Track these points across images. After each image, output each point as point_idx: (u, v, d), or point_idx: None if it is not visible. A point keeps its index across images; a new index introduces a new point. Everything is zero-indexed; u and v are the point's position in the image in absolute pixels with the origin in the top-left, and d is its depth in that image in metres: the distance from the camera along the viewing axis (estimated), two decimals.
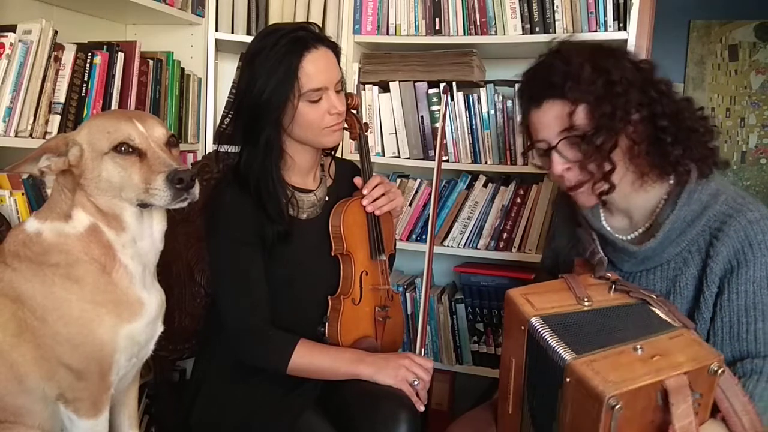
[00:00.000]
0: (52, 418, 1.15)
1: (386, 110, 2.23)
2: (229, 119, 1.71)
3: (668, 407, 0.95)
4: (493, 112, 2.13)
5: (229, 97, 2.18)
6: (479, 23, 2.11)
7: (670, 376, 0.95)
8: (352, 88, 2.23)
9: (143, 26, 2.14)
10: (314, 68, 1.35)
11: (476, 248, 2.19)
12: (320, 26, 1.51)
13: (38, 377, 1.11)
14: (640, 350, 0.99)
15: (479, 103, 2.14)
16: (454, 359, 2.27)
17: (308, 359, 1.35)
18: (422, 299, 1.57)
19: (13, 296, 1.09)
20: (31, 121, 1.48)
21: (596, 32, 1.98)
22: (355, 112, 1.55)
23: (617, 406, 0.91)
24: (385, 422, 1.27)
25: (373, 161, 2.00)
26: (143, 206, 1.13)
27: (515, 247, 2.14)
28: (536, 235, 2.11)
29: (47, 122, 1.54)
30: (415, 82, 2.18)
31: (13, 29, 1.43)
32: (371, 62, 2.24)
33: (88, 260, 1.12)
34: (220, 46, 2.18)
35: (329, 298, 1.47)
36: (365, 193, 1.49)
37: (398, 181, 2.33)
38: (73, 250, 1.11)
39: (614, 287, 1.16)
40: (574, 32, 2.00)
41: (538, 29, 2.05)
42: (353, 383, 1.35)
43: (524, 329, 1.08)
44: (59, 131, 1.54)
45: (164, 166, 1.10)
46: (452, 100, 2.14)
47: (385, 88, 2.23)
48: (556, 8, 2.03)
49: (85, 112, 1.63)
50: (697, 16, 3.56)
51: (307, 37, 1.36)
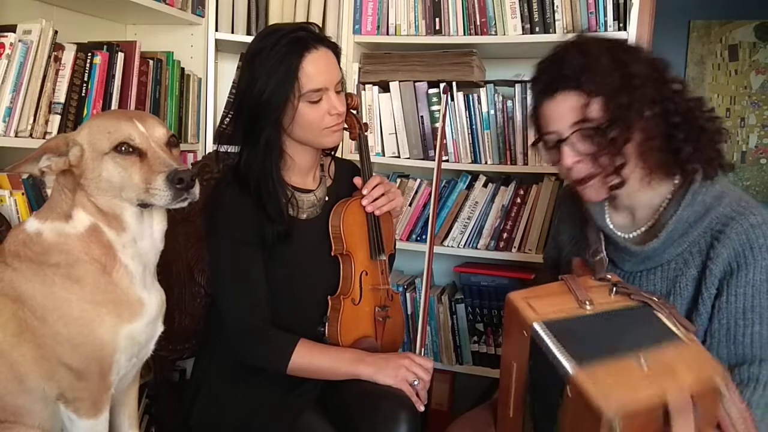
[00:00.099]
0: (52, 417, 1.15)
1: (386, 110, 2.23)
2: (229, 119, 1.71)
3: (669, 424, 0.92)
4: (493, 112, 2.13)
5: (229, 97, 2.18)
6: (479, 23, 2.11)
7: (673, 395, 0.93)
8: (352, 88, 2.23)
9: (143, 26, 2.14)
10: (314, 69, 1.35)
11: (476, 248, 2.19)
12: (320, 26, 1.52)
13: (38, 377, 1.11)
14: (644, 364, 0.97)
15: (479, 103, 2.14)
16: (454, 359, 2.27)
17: (308, 359, 1.35)
18: (422, 299, 1.57)
19: (13, 296, 1.10)
20: (31, 121, 1.48)
21: (596, 32, 1.98)
22: (354, 112, 1.55)
23: (616, 423, 0.89)
24: (385, 422, 1.27)
25: (373, 161, 2.00)
26: (143, 206, 1.13)
27: (515, 247, 2.14)
28: (536, 235, 2.11)
29: (47, 122, 1.54)
30: (415, 82, 2.18)
31: (13, 29, 1.43)
32: (371, 62, 2.24)
33: (88, 260, 1.12)
34: (220, 46, 2.18)
35: (329, 298, 1.47)
36: (365, 193, 1.49)
37: (398, 181, 2.33)
38: (73, 250, 1.11)
39: (615, 289, 1.15)
40: (574, 32, 2.00)
41: (538, 29, 2.05)
42: (353, 383, 1.35)
43: (527, 334, 1.07)
44: (59, 131, 1.54)
45: (164, 166, 1.10)
46: (452, 100, 2.14)
47: (385, 88, 2.23)
48: (556, 8, 2.03)
49: (85, 112, 1.63)
50: (697, 16, 3.56)
51: (307, 37, 1.36)
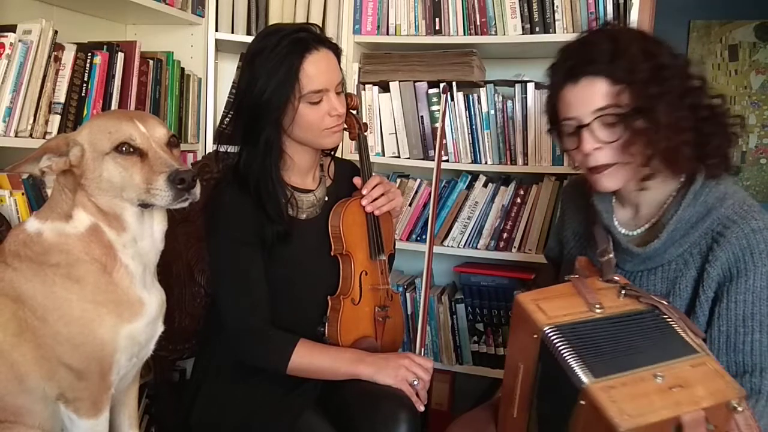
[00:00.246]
0: (52, 417, 1.15)
1: (386, 110, 2.23)
2: (228, 119, 1.71)
3: None
4: (493, 112, 2.13)
5: (229, 97, 2.19)
6: (479, 23, 2.11)
7: (687, 411, 0.92)
8: (352, 88, 2.23)
9: (143, 26, 2.14)
10: (315, 70, 1.35)
11: (476, 248, 2.19)
12: (321, 27, 1.51)
13: (38, 377, 1.11)
14: (660, 379, 0.96)
15: (479, 103, 2.14)
16: (454, 359, 2.27)
17: (308, 359, 1.35)
18: (422, 299, 1.57)
19: (13, 296, 1.10)
20: (31, 121, 1.48)
21: None
22: (354, 112, 1.55)
23: None
24: (385, 422, 1.27)
25: (372, 161, 2.00)
26: (144, 206, 1.13)
27: (515, 247, 2.14)
28: (536, 235, 2.11)
29: (47, 122, 1.54)
30: (415, 82, 2.18)
31: (13, 29, 1.43)
32: (371, 62, 2.24)
33: (88, 260, 1.12)
34: (220, 46, 2.18)
35: (329, 298, 1.47)
36: (364, 193, 1.49)
37: (398, 181, 2.33)
38: (73, 249, 1.11)
39: (624, 292, 1.13)
40: (574, 32, 2.01)
41: (538, 29, 2.05)
42: (353, 383, 1.35)
43: (537, 338, 1.05)
44: (59, 131, 1.54)
45: (165, 166, 1.10)
46: (452, 100, 2.14)
47: (385, 88, 2.23)
48: (556, 8, 2.03)
49: (85, 112, 1.63)
50: (697, 16, 3.55)
51: (308, 38, 1.36)
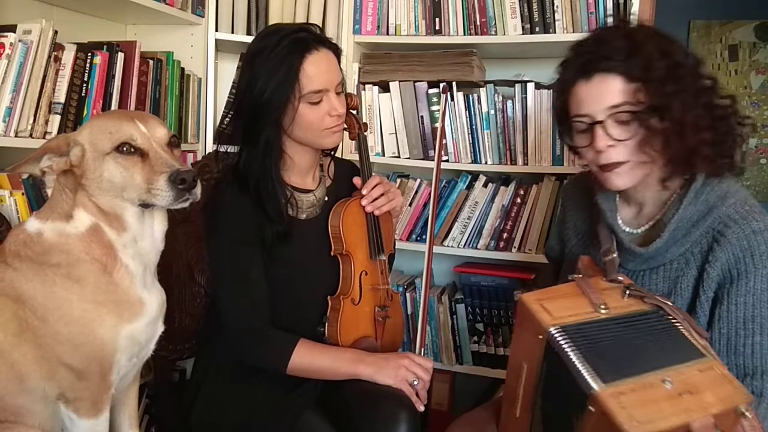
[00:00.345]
0: (52, 417, 1.15)
1: (386, 110, 2.23)
2: (229, 119, 1.71)
3: None
4: (493, 112, 2.13)
5: (229, 97, 2.19)
6: (479, 23, 2.11)
7: (696, 417, 0.93)
8: (352, 88, 2.23)
9: (143, 26, 2.14)
10: (315, 70, 1.35)
11: (476, 248, 2.19)
12: (321, 27, 1.51)
13: (39, 377, 1.11)
14: (669, 384, 0.96)
15: (479, 103, 2.14)
16: (454, 359, 2.27)
17: (308, 359, 1.35)
18: (422, 299, 1.57)
19: (14, 296, 1.09)
20: (31, 121, 1.48)
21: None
22: (354, 112, 1.55)
23: None
24: (385, 422, 1.27)
25: (372, 161, 2.01)
26: (145, 206, 1.13)
27: (515, 247, 2.14)
28: (536, 235, 2.12)
29: (47, 122, 1.54)
30: (415, 82, 2.18)
31: (13, 29, 1.43)
32: (371, 62, 2.24)
33: (89, 260, 1.12)
34: (220, 46, 2.18)
35: (329, 298, 1.47)
36: (364, 193, 1.49)
37: (398, 181, 2.33)
38: (74, 249, 1.11)
39: (628, 293, 1.12)
40: (574, 32, 2.01)
41: (538, 29, 2.05)
42: (353, 383, 1.35)
43: (542, 338, 1.04)
44: (59, 131, 1.54)
45: (166, 166, 1.10)
46: (452, 100, 2.14)
47: (385, 88, 2.23)
48: (556, 8, 2.03)
49: (85, 112, 1.63)
50: (697, 16, 3.55)
51: (308, 38, 1.36)
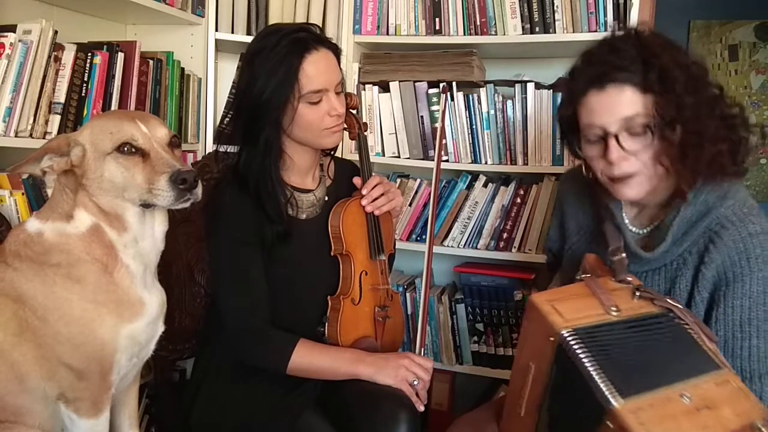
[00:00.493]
0: (52, 417, 1.15)
1: (386, 110, 2.23)
2: (228, 119, 1.71)
3: None
4: (493, 112, 2.13)
5: (229, 97, 2.18)
6: (479, 23, 2.11)
7: None
8: (352, 88, 2.23)
9: (143, 26, 2.14)
10: (315, 70, 1.35)
11: (476, 248, 2.19)
12: (321, 27, 1.51)
13: (39, 377, 1.11)
14: (687, 399, 0.96)
15: (479, 103, 2.14)
16: (454, 359, 2.27)
17: (308, 359, 1.35)
18: (422, 299, 1.58)
19: (14, 296, 1.09)
20: (31, 121, 1.48)
21: (596, 32, 1.98)
22: (354, 112, 1.55)
23: None
24: (385, 422, 1.27)
25: (373, 161, 2.01)
26: (146, 206, 1.13)
27: (515, 247, 2.14)
28: (536, 235, 2.11)
29: (47, 122, 1.54)
30: (415, 82, 2.18)
31: (13, 29, 1.43)
32: (371, 62, 2.24)
33: (89, 260, 1.12)
34: (220, 46, 2.18)
35: (329, 298, 1.47)
36: (364, 193, 1.49)
37: (398, 181, 2.33)
38: (74, 249, 1.11)
39: (638, 294, 1.12)
40: (574, 32, 2.01)
41: (538, 29, 2.05)
42: (353, 383, 1.35)
43: (553, 340, 1.03)
44: (59, 131, 1.54)
45: (167, 166, 1.10)
46: (452, 100, 2.14)
47: (385, 88, 2.23)
48: (556, 8, 2.03)
49: (85, 112, 1.63)
50: (697, 16, 3.56)
51: (307, 38, 1.36)
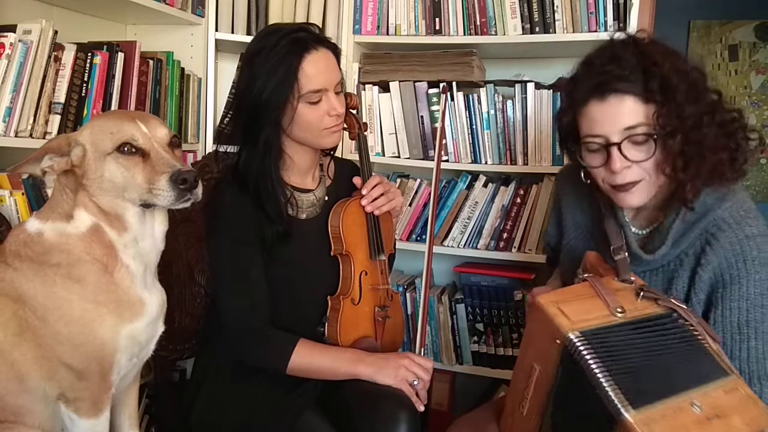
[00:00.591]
0: (52, 417, 1.15)
1: (386, 110, 2.23)
2: (228, 119, 1.71)
3: None
4: (493, 112, 2.13)
5: (229, 97, 2.18)
6: (479, 23, 2.11)
7: None
8: (352, 88, 2.23)
9: (143, 26, 2.14)
10: (314, 70, 1.35)
11: (476, 248, 2.19)
12: (320, 27, 1.51)
13: (39, 377, 1.11)
14: (697, 408, 0.96)
15: (479, 103, 2.14)
16: (454, 359, 2.27)
17: (308, 359, 1.35)
18: (422, 299, 1.57)
19: (14, 296, 1.09)
20: (31, 121, 1.48)
21: (596, 32, 1.98)
22: (354, 111, 1.55)
23: None
24: (385, 422, 1.27)
25: (373, 161, 2.01)
26: (146, 206, 1.13)
27: (515, 247, 2.14)
28: (536, 235, 2.11)
29: (47, 122, 1.54)
30: (415, 82, 2.18)
31: (13, 29, 1.43)
32: (371, 62, 2.24)
33: (89, 260, 1.12)
34: (220, 46, 2.18)
35: (329, 298, 1.47)
36: (364, 193, 1.49)
37: (398, 181, 2.33)
38: (74, 249, 1.11)
39: (642, 294, 1.12)
40: (574, 32, 2.01)
41: (538, 29, 2.05)
42: (353, 383, 1.35)
43: (559, 343, 1.03)
44: (59, 131, 1.54)
45: (168, 166, 1.10)
46: (452, 100, 2.14)
47: (385, 88, 2.23)
48: (556, 8, 2.03)
49: (85, 112, 1.63)
50: (697, 16, 3.56)
51: (307, 38, 1.36)
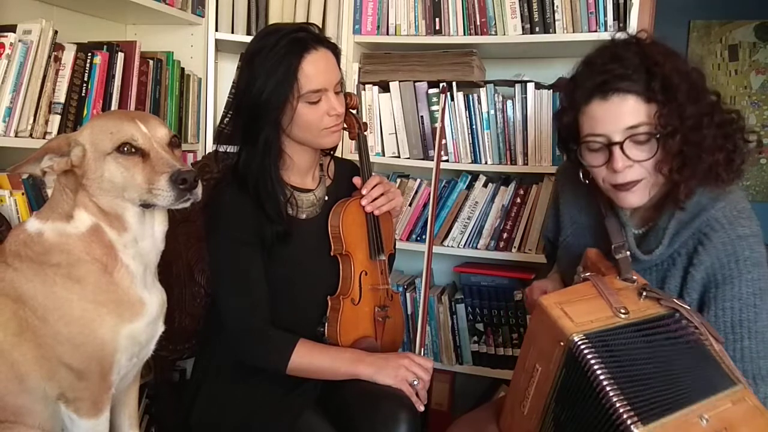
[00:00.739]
0: (52, 417, 1.15)
1: (386, 110, 2.23)
2: (228, 119, 1.71)
3: None
4: (493, 112, 2.13)
5: (229, 97, 2.18)
6: (479, 23, 2.11)
7: None
8: (352, 88, 2.23)
9: (143, 26, 2.14)
10: (314, 69, 1.35)
11: (476, 248, 2.19)
12: (320, 27, 1.51)
13: (39, 377, 1.11)
14: (705, 421, 0.96)
15: (479, 103, 2.14)
16: (454, 359, 2.28)
17: (308, 359, 1.35)
18: (422, 299, 1.58)
19: (14, 296, 1.09)
20: (31, 121, 1.48)
21: (596, 32, 1.98)
22: (354, 111, 1.55)
23: None
24: (385, 422, 1.27)
25: (373, 161, 2.01)
26: (146, 206, 1.13)
27: (515, 247, 2.14)
28: (536, 235, 2.11)
29: (47, 122, 1.54)
30: (415, 82, 2.18)
31: (13, 29, 1.43)
32: (371, 62, 2.24)
33: (89, 260, 1.12)
34: (220, 46, 2.18)
35: (329, 298, 1.47)
36: (364, 192, 1.49)
37: (398, 181, 2.33)
38: (74, 250, 1.11)
39: (645, 294, 1.12)
40: (574, 32, 2.01)
41: (538, 29, 2.05)
42: (353, 383, 1.35)
43: (563, 345, 1.03)
44: (59, 131, 1.54)
45: (167, 166, 1.10)
46: (452, 99, 2.14)
47: (385, 88, 2.23)
48: (556, 8, 2.03)
49: (85, 112, 1.63)
50: (697, 16, 3.56)
51: (307, 38, 1.36)
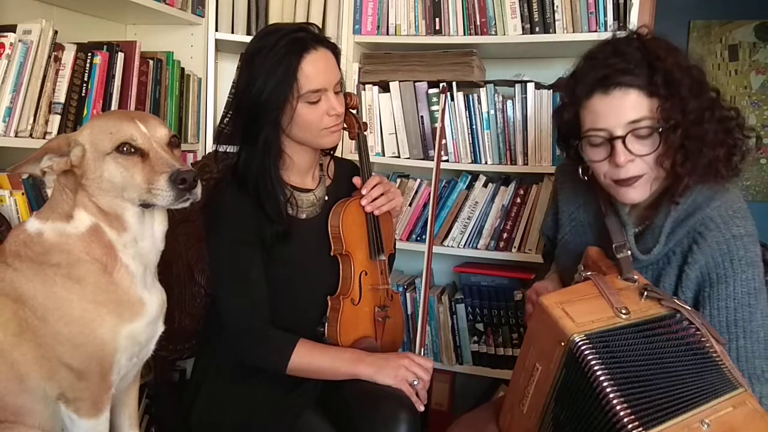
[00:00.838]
0: (52, 417, 1.15)
1: (386, 110, 2.23)
2: (228, 119, 1.71)
3: None
4: (493, 112, 2.13)
5: (229, 97, 2.18)
6: (479, 23, 2.11)
7: None
8: (352, 88, 2.23)
9: (143, 26, 2.14)
10: (313, 69, 1.35)
11: (476, 248, 2.19)
12: (320, 27, 1.51)
13: (39, 377, 1.11)
14: (707, 426, 0.97)
15: (479, 103, 2.14)
16: (454, 359, 2.28)
17: (308, 359, 1.35)
18: (422, 299, 1.58)
19: (14, 296, 1.10)
20: (31, 121, 1.48)
21: (596, 32, 1.98)
22: (354, 111, 1.55)
23: None
24: (385, 422, 1.27)
25: (373, 161, 2.01)
26: (145, 206, 1.13)
27: (515, 247, 2.14)
28: (536, 235, 2.11)
29: (47, 122, 1.54)
30: (415, 82, 2.18)
31: (13, 29, 1.43)
32: (371, 62, 2.24)
33: (89, 260, 1.12)
34: (220, 46, 2.18)
35: (328, 298, 1.47)
36: (364, 192, 1.49)
37: (398, 181, 2.33)
38: (74, 250, 1.11)
39: (646, 294, 1.12)
40: (574, 32, 2.01)
41: (538, 29, 2.05)
42: (353, 383, 1.35)
43: (564, 345, 1.03)
44: (59, 131, 1.54)
45: (167, 166, 1.10)
46: (452, 100, 2.14)
47: (385, 88, 2.23)
48: (556, 8, 2.03)
49: (85, 112, 1.63)
50: (697, 16, 3.56)
51: (306, 38, 1.36)
